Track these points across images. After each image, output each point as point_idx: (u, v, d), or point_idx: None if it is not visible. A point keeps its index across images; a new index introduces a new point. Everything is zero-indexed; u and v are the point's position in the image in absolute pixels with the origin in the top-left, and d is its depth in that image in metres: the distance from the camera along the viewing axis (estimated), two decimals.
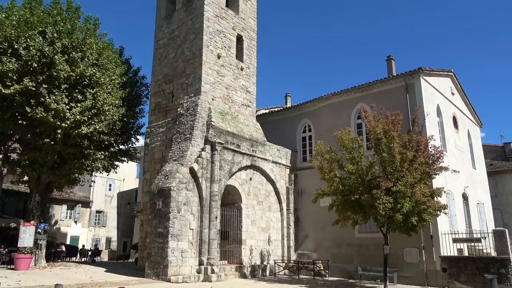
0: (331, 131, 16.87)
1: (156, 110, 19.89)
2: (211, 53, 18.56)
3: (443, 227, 16.13)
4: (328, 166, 15.04)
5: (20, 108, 15.15)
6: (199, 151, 16.09)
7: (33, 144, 16.18)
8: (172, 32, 20.18)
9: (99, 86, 16.13)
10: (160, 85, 20.10)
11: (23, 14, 15.22)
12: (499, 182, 27.54)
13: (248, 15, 21.40)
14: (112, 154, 18.94)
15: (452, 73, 20.90)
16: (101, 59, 16.75)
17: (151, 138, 19.22)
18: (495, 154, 31.16)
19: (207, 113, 17.32)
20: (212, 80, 18.40)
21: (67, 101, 15.08)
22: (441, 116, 19.18)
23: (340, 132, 15.25)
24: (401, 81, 18.11)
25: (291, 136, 22.13)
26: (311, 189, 17.77)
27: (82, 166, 16.99)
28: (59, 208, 32.49)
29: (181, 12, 19.97)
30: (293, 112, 22.65)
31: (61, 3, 16.53)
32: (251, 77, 20.85)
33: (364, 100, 19.02)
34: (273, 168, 19.70)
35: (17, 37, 14.79)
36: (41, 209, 17.79)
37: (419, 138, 14.28)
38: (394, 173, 13.84)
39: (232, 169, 17.20)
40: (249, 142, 18.36)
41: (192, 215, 15.07)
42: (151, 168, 18.79)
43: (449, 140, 19.25)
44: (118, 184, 38.06)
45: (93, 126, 15.75)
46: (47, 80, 15.02)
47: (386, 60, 21.67)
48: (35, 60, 14.67)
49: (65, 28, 15.61)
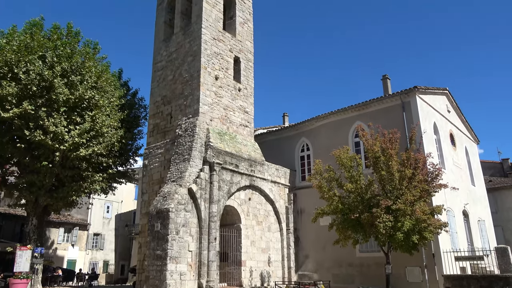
0: (329, 150, 16.92)
1: (154, 131, 19.96)
2: (209, 75, 18.77)
3: (445, 245, 15.99)
4: (327, 185, 15.03)
5: (19, 131, 15.19)
6: (198, 171, 16.07)
7: (31, 167, 16.14)
8: (170, 55, 20.46)
9: (98, 109, 16.24)
10: (158, 106, 20.23)
11: (24, 39, 15.45)
12: (498, 198, 27.48)
13: (245, 37, 21.77)
14: (110, 176, 18.88)
15: (447, 91, 21.15)
16: (100, 81, 16.92)
17: (149, 159, 19.21)
18: (494, 171, 31.22)
19: (206, 133, 17.38)
20: (210, 101, 18.55)
21: (66, 124, 15.14)
22: (438, 133, 19.30)
23: (338, 151, 15.30)
24: (397, 100, 18.30)
25: (290, 156, 22.16)
26: (311, 208, 17.68)
27: (80, 189, 16.91)
28: (56, 231, 32.11)
29: (179, 35, 20.30)
30: (291, 132, 22.75)
31: (61, 28, 16.81)
32: (249, 98, 21.03)
33: (361, 118, 19.16)
34: (272, 188, 19.64)
35: (17, 62, 14.97)
36: (38, 233, 17.59)
37: (417, 155, 14.34)
38: (394, 191, 13.83)
39: (231, 189, 17.14)
40: (248, 162, 18.37)
41: (191, 237, 14.92)
42: (149, 190, 18.70)
43: (447, 157, 19.30)
44: (116, 206, 37.76)
45: (91, 148, 15.77)
46: (46, 103, 15.11)
47: (382, 79, 21.94)
48: (34, 83, 14.80)
49: (64, 52, 15.83)
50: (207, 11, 19.52)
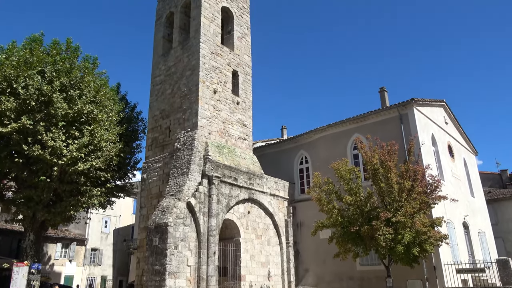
0: (328, 163, 16.91)
1: (153, 145, 19.96)
2: (207, 89, 18.87)
3: (446, 257, 15.87)
4: (326, 197, 14.99)
5: (17, 146, 15.15)
6: (196, 185, 16.01)
7: (29, 182, 16.06)
8: (169, 69, 20.59)
9: (96, 123, 16.25)
10: (157, 120, 20.28)
11: (23, 54, 15.54)
12: (498, 210, 27.40)
13: (243, 51, 21.96)
14: (108, 190, 18.79)
15: (445, 103, 21.28)
16: (99, 96, 16.97)
17: (148, 173, 19.16)
18: (493, 182, 31.22)
19: (204, 147, 17.38)
20: (208, 115, 18.60)
21: (64, 138, 15.13)
22: (436, 145, 19.34)
23: (337, 163, 15.30)
24: (394, 112, 18.39)
25: (288, 168, 22.14)
26: (310, 221, 17.58)
27: (78, 203, 16.81)
28: (54, 247, 31.76)
29: (177, 50, 20.48)
30: (289, 144, 22.77)
31: (60, 44, 16.94)
32: (247, 111, 21.11)
33: (359, 131, 19.22)
34: (271, 201, 19.56)
35: (16, 77, 15.02)
36: (35, 249, 17.41)
37: (416, 167, 14.35)
38: (393, 203, 13.79)
39: (230, 203, 17.06)
40: (247, 175, 18.33)
41: (189, 251, 14.79)
42: (148, 204, 18.60)
43: (445, 169, 19.31)
44: (114, 220, 37.45)
45: (89, 163, 15.73)
46: (45, 118, 15.12)
47: (379, 91, 22.09)
48: (33, 98, 14.83)
49: (64, 67, 15.91)
50: (205, 26, 19.73)
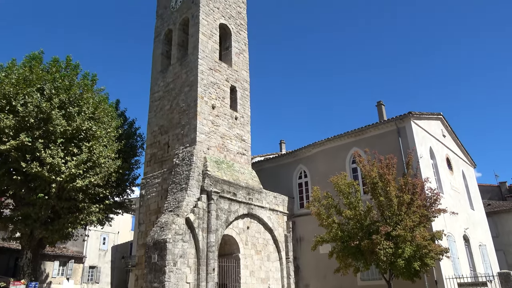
0: (327, 177, 16.90)
1: (151, 161, 19.95)
2: (206, 104, 18.98)
3: (447, 271, 15.73)
4: (325, 212, 14.92)
5: (15, 163, 15.14)
6: (195, 201, 15.95)
7: (27, 199, 15.98)
8: (167, 85, 20.75)
9: (95, 139, 16.28)
10: (155, 136, 20.32)
11: (23, 72, 15.65)
12: (498, 222, 27.30)
13: (241, 67, 22.17)
14: (107, 207, 18.71)
15: (442, 116, 21.42)
16: (98, 112, 17.05)
17: (146, 189, 19.10)
18: (492, 194, 31.19)
19: (203, 162, 17.39)
20: (207, 130, 18.66)
21: (62, 155, 15.13)
22: (435, 158, 19.39)
23: (336, 177, 15.29)
24: (392, 125, 18.49)
25: (287, 183, 22.10)
26: (310, 236, 17.46)
27: (76, 220, 16.71)
28: (51, 265, 31.36)
29: (176, 66, 20.67)
30: (288, 159, 22.79)
31: (60, 61, 17.09)
32: (246, 126, 21.19)
33: (357, 144, 19.27)
34: (271, 216, 19.46)
35: (15, 94, 15.10)
36: (32, 267, 17.22)
37: (415, 180, 14.34)
38: (393, 217, 13.74)
39: (229, 218, 16.97)
40: (245, 190, 18.29)
41: (188, 268, 14.64)
42: (146, 220, 18.49)
43: (444, 181, 19.31)
44: (112, 237, 37.11)
45: (88, 179, 15.69)
46: (44, 135, 15.15)
47: (377, 105, 22.24)
48: (32, 116, 14.88)
49: (63, 84, 16.02)
50: (204, 43, 19.97)
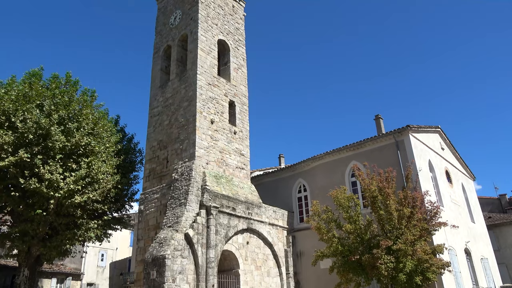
0: (326, 190, 16.87)
1: (150, 176, 19.91)
2: (205, 119, 19.06)
3: (449, 285, 15.57)
4: (325, 226, 14.84)
5: (14, 179, 15.07)
6: (194, 216, 15.86)
7: (25, 215, 15.86)
8: (166, 100, 20.86)
9: (93, 155, 16.25)
10: (154, 151, 20.33)
11: (22, 89, 15.72)
12: (500, 235, 27.13)
13: (239, 82, 22.34)
14: (105, 223, 18.55)
15: (440, 129, 21.51)
16: (97, 128, 17.06)
17: (145, 204, 19.00)
18: (492, 207, 31.09)
19: (202, 177, 17.35)
20: (206, 145, 18.69)
21: (61, 171, 15.08)
22: (434, 171, 19.38)
23: (335, 191, 15.26)
24: (391, 139, 18.54)
25: (287, 197, 22.02)
26: (310, 250, 17.32)
27: (74, 237, 16.55)
28: (48, 282, 30.89)
29: (175, 82, 20.82)
30: (287, 173, 22.76)
31: (60, 78, 17.19)
32: (244, 140, 21.23)
33: (356, 158, 19.29)
34: (270, 231, 19.33)
35: (14, 111, 15.12)
36: (29, 284, 16.96)
37: (415, 194, 14.32)
38: (393, 230, 13.67)
39: (228, 233, 16.85)
40: (245, 204, 18.21)
41: (187, 284, 14.45)
42: (145, 236, 18.34)
43: (444, 194, 19.27)
44: (110, 253, 36.71)
45: (86, 195, 15.60)
46: (42, 151, 15.12)
47: (375, 119, 22.33)
48: (31, 132, 14.88)
49: (62, 100, 16.07)
50: (202, 58, 20.16)
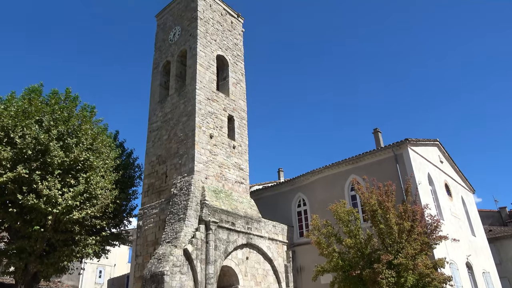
0: (326, 204, 16.80)
1: (149, 191, 19.84)
2: (204, 134, 19.10)
3: None
4: (325, 240, 14.72)
5: (12, 195, 14.97)
6: (193, 231, 15.74)
7: (22, 232, 15.71)
8: (165, 115, 20.94)
9: (92, 170, 16.20)
10: (153, 166, 20.30)
11: (22, 104, 15.76)
12: (501, 249, 26.93)
13: (238, 96, 22.48)
14: (103, 239, 18.37)
15: (438, 142, 21.57)
16: (96, 143, 17.05)
17: (144, 220, 18.88)
18: (492, 220, 30.96)
19: (201, 192, 17.29)
20: (205, 159, 18.68)
21: (59, 187, 15.00)
22: (433, 184, 19.36)
23: (335, 205, 15.19)
24: (389, 152, 18.57)
25: (287, 211, 21.91)
26: (311, 265, 17.16)
27: (72, 253, 16.36)
28: None
29: (174, 97, 20.94)
30: (287, 187, 22.70)
31: (59, 94, 17.27)
32: (243, 155, 21.24)
33: (355, 172, 19.28)
34: (270, 246, 19.17)
35: (13, 126, 15.12)
36: None
37: (414, 207, 14.26)
38: (394, 245, 13.57)
39: (228, 249, 16.70)
40: (244, 219, 18.10)
41: None
42: (143, 252, 18.17)
43: (444, 208, 19.20)
44: (109, 270, 36.25)
45: (85, 211, 15.49)
46: (41, 167, 15.08)
47: (373, 132, 22.42)
48: (30, 147, 14.85)
49: (62, 116, 16.10)
50: (201, 73, 20.33)
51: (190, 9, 22.36)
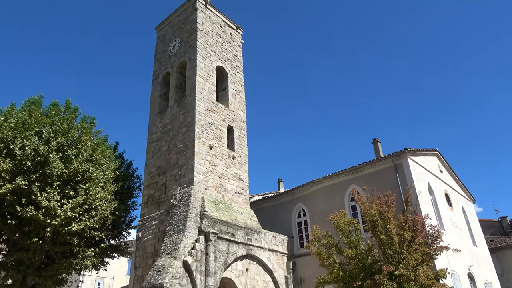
0: (326, 215, 16.73)
1: (148, 202, 19.76)
2: (203, 144, 19.11)
3: None
4: (326, 251, 14.63)
5: (10, 207, 14.89)
6: (193, 242, 15.64)
7: (20, 244, 15.60)
8: (165, 126, 20.97)
9: (91, 181, 16.15)
10: (153, 177, 20.26)
11: (22, 116, 15.77)
12: (503, 259, 26.74)
13: (238, 107, 22.55)
14: (102, 250, 18.22)
15: (438, 152, 21.59)
16: (95, 154, 17.03)
17: (143, 231, 18.77)
18: (493, 229, 30.81)
19: (200, 202, 17.23)
20: (204, 170, 18.66)
21: (58, 198, 14.94)
22: (433, 194, 19.32)
23: (335, 216, 15.12)
24: (389, 162, 18.58)
25: (287, 222, 21.81)
26: (311, 277, 17.01)
27: (71, 265, 16.21)
28: None
29: (173, 108, 21.00)
30: (286, 197, 22.63)
31: (60, 105, 17.30)
32: (243, 165, 21.22)
33: (355, 182, 19.26)
34: (270, 257, 19.03)
35: (13, 138, 15.10)
36: None
37: (415, 217, 14.20)
38: (395, 255, 13.47)
39: (228, 260, 16.57)
40: (244, 230, 18.00)
41: None
42: (142, 264, 18.03)
43: (445, 218, 19.13)
44: (107, 282, 35.94)
45: (84, 223, 15.40)
46: (40, 178, 15.03)
47: (373, 142, 22.44)
48: (29, 159, 14.82)
49: (61, 127, 16.11)
50: (201, 84, 20.43)
51: (190, 21, 22.57)
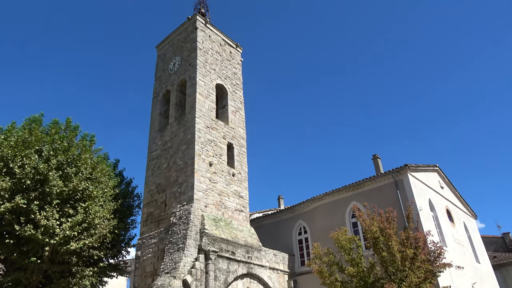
0: (327, 232, 16.60)
1: (148, 220, 19.62)
2: (203, 162, 19.11)
3: None
4: (327, 269, 14.47)
5: (9, 226, 14.78)
6: (193, 261, 15.47)
7: (18, 263, 15.41)
8: (165, 144, 21.01)
9: (91, 199, 16.08)
10: (152, 195, 20.17)
11: (22, 134, 15.80)
12: (506, 275, 26.38)
13: (237, 124, 22.65)
14: (101, 270, 17.98)
15: (438, 167, 21.56)
16: (95, 172, 17.00)
17: (142, 250, 18.58)
18: (496, 246, 30.50)
19: (200, 220, 17.12)
20: (204, 188, 18.60)
21: (57, 217, 14.84)
22: (435, 210, 19.21)
23: (336, 233, 15.01)
24: (389, 178, 18.54)
25: (287, 239, 21.61)
26: None
27: (69, 285, 15.97)
28: None
29: (173, 125, 21.08)
30: (287, 214, 22.49)
31: (60, 123, 17.36)
32: (243, 182, 21.16)
33: (356, 198, 19.18)
34: (271, 275, 18.78)
35: (13, 157, 15.10)
36: None
37: (417, 234, 14.10)
38: (397, 273, 13.32)
39: (228, 279, 16.35)
40: (244, 248, 17.82)
41: None
42: (141, 283, 17.78)
43: (446, 234, 18.97)
44: None
45: (82, 241, 15.26)
46: (39, 196, 14.96)
47: (372, 158, 22.45)
48: (29, 177, 14.79)
49: (61, 145, 16.12)
50: (201, 102, 20.57)
51: (190, 40, 22.89)
